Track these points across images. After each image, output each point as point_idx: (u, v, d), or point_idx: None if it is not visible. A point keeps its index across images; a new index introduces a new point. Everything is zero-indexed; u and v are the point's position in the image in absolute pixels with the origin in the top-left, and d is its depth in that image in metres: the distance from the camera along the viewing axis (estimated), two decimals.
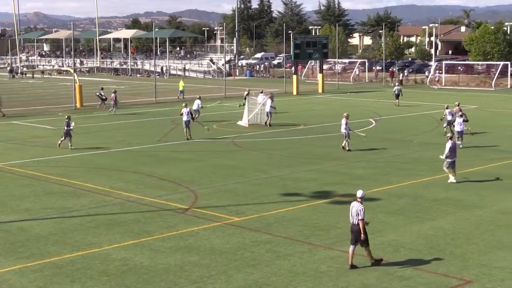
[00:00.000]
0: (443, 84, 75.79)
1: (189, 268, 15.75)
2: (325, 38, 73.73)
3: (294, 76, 68.44)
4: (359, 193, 15.72)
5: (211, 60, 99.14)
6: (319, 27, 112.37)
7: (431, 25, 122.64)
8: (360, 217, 15.34)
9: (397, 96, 53.76)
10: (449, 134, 26.43)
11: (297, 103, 57.42)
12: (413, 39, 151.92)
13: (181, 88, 61.91)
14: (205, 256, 16.58)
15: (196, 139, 35.92)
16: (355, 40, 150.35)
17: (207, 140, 35.75)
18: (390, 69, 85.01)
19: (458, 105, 35.50)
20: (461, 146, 31.32)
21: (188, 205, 21.82)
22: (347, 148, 31.64)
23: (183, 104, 37.39)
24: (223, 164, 28.99)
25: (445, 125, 35.65)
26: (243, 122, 41.84)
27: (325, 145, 33.91)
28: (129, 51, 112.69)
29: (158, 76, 76.99)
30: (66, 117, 33.67)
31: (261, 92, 45.25)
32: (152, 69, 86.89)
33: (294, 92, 66.48)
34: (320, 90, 69.06)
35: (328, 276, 15.21)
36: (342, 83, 79.69)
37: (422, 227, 19.00)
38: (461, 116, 32.85)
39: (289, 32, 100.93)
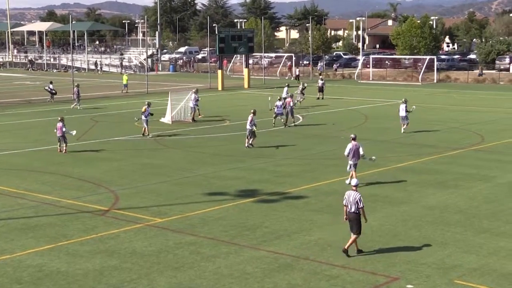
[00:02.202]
0: (371, 78, 77.27)
1: (108, 273, 15.55)
2: (251, 31, 74.07)
3: (219, 71, 68.42)
4: (354, 182, 17.11)
5: (122, 54, 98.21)
6: (245, 20, 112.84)
7: (358, 18, 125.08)
8: (360, 206, 16.46)
9: (321, 89, 54.89)
10: (352, 135, 24.82)
11: (222, 98, 57.48)
12: (340, 32, 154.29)
13: (124, 82, 62.44)
14: (126, 260, 16.40)
15: (117, 137, 35.49)
16: (281, 33, 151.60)
17: (128, 139, 35.36)
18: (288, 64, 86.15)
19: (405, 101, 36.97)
20: (402, 131, 35.99)
21: (108, 206, 21.53)
22: (247, 145, 31.77)
23: (146, 102, 36.86)
24: (145, 163, 28.74)
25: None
26: (166, 119, 41.59)
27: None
28: (45, 44, 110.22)
29: (92, 72, 75.89)
30: None
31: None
32: (70, 63, 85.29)
33: (219, 88, 66.50)
34: (246, 86, 69.30)
35: (254, 277, 15.29)
36: (268, 78, 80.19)
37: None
38: (404, 102, 36.34)
39: (214, 25, 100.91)
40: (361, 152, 24.13)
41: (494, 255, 16.64)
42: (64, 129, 30.89)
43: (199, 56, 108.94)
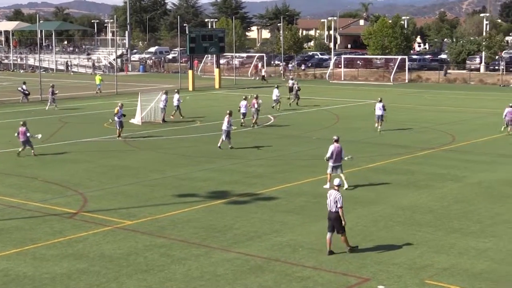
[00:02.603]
0: (342, 78, 77.63)
1: (76, 277, 15.43)
2: (222, 31, 74.00)
3: (190, 71, 68.26)
4: (336, 181, 17.24)
5: (88, 54, 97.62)
6: (216, 20, 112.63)
7: (330, 18, 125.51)
8: (339, 205, 16.53)
9: (291, 90, 54.92)
10: (334, 137, 24.18)
11: (193, 99, 57.28)
12: (312, 32, 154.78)
13: (98, 82, 62.29)
14: (95, 263, 16.28)
15: (86, 139, 35.24)
16: (253, 33, 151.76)
17: (97, 140, 35.12)
18: (282, 64, 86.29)
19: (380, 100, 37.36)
20: (379, 129, 36.60)
21: (76, 209, 21.36)
22: (220, 145, 31.74)
23: (119, 103, 36.56)
24: (114, 165, 28.56)
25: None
26: (136, 120, 41.39)
27: None
28: (11, 44, 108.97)
29: (61, 72, 75.05)
30: None
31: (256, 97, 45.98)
32: (37, 64, 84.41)
33: (190, 88, 66.33)
34: (217, 86, 69.24)
35: (225, 279, 15.28)
36: (240, 78, 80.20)
37: (321, 226, 19.31)
38: (380, 101, 36.99)
39: (184, 25, 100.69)
40: (343, 154, 23.76)
41: (464, 255, 16.82)
42: (28, 134, 30.09)
43: (170, 56, 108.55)
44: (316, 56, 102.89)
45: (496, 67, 79.14)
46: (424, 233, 18.62)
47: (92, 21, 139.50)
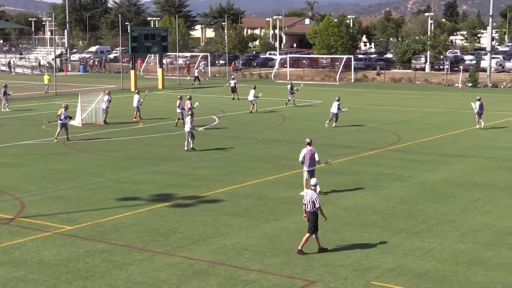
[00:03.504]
0: (288, 78, 78.05)
1: (13, 285, 15.16)
2: (165, 30, 73.70)
3: (132, 71, 67.78)
4: (313, 181, 17.71)
5: (21, 54, 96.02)
6: (159, 18, 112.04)
7: (275, 17, 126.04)
8: (317, 205, 17.05)
9: (234, 90, 55.20)
10: (307, 139, 23.62)
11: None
12: (257, 31, 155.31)
13: (46, 82, 62.46)
14: (33, 270, 16.03)
15: (24, 141, 34.65)
16: (197, 32, 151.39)
17: (34, 142, 34.56)
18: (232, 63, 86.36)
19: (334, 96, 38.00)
20: (327, 125, 38.75)
21: (13, 214, 20.98)
22: (187, 148, 31.62)
23: (63, 105, 35.82)
24: (53, 168, 28.14)
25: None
26: (76, 122, 40.88)
27: (166, 144, 33.90)
28: None
29: (4, 72, 73.45)
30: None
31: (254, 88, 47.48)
32: None
33: (132, 89, 65.68)
34: (160, 86, 68.91)
35: (168, 284, 15.22)
36: (184, 78, 79.94)
37: (266, 228, 19.50)
38: (338, 100, 39.45)
39: (126, 23, 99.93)
40: (316, 158, 23.02)
41: (410, 255, 17.12)
42: None
43: (111, 56, 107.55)
44: (275, 57, 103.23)
45: (441, 67, 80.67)
46: (370, 234, 18.88)
47: (30, 19, 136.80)
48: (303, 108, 49.40)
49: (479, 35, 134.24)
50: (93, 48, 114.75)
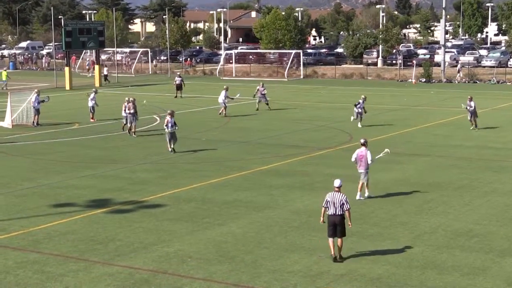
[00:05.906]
0: (234, 75, 78.14)
1: None
2: (101, 24, 73.11)
3: (67, 68, 67.02)
4: (337, 183, 17.61)
5: None
6: (94, 12, 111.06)
7: (219, 10, 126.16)
8: (348, 207, 17.22)
9: (179, 87, 55.25)
10: (361, 140, 23.90)
11: (71, 99, 56.30)
12: (200, 25, 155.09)
13: (4, 78, 63.31)
14: None
15: None
16: (136, 26, 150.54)
17: None
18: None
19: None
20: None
21: None
22: (170, 149, 31.33)
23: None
24: None
25: None
26: (6, 123, 40.28)
27: (104, 146, 33.63)
28: None
29: None
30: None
31: (262, 86, 47.77)
32: None
33: (67, 87, 65.10)
34: (97, 84, 68.24)
35: None
36: (122, 75, 79.39)
37: (211, 234, 19.50)
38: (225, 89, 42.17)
39: (60, 17, 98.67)
40: (369, 160, 23.22)
41: (362, 259, 17.32)
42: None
43: (44, 52, 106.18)
44: (226, 51, 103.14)
45: (394, 62, 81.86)
46: (320, 238, 19.00)
47: None
48: (249, 107, 49.48)
49: (432, 28, 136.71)
50: (23, 44, 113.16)
